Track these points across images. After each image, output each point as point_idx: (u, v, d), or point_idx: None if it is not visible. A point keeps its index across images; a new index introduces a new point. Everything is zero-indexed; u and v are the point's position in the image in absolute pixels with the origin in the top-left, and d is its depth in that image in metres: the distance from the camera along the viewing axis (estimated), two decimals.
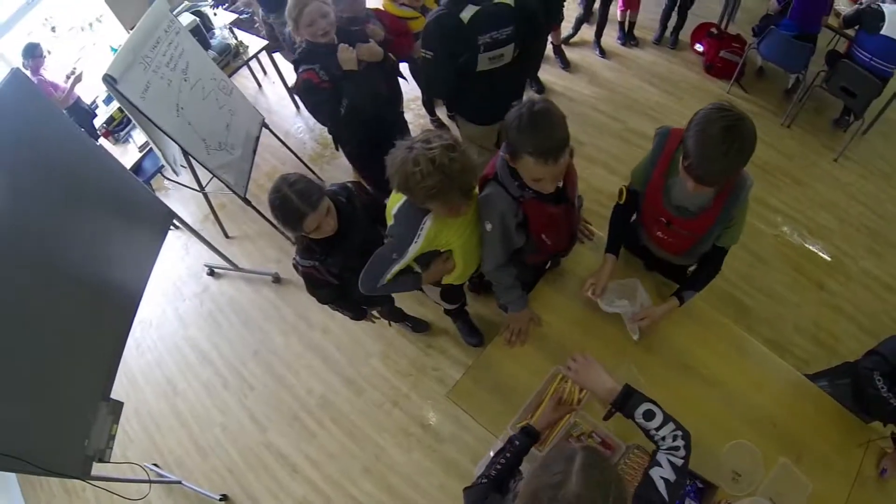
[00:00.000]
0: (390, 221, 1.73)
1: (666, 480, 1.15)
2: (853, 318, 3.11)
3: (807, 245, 3.36)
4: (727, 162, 1.33)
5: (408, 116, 3.64)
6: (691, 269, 2.08)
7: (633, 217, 1.97)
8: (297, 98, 3.81)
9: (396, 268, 1.74)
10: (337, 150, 2.86)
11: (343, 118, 2.37)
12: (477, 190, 1.74)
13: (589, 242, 2.17)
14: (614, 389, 1.38)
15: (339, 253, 1.83)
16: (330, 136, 2.85)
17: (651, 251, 2.02)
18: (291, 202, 1.59)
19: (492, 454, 1.50)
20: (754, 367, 1.92)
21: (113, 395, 2.13)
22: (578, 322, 1.98)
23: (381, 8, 2.86)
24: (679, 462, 1.19)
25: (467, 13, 2.13)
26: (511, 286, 1.91)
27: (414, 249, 1.69)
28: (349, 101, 2.33)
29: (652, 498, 1.13)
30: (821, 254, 3.34)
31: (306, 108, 2.48)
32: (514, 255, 1.92)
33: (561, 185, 1.66)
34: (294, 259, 1.87)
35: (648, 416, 1.30)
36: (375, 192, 2.16)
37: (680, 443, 1.24)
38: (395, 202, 1.71)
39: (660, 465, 1.18)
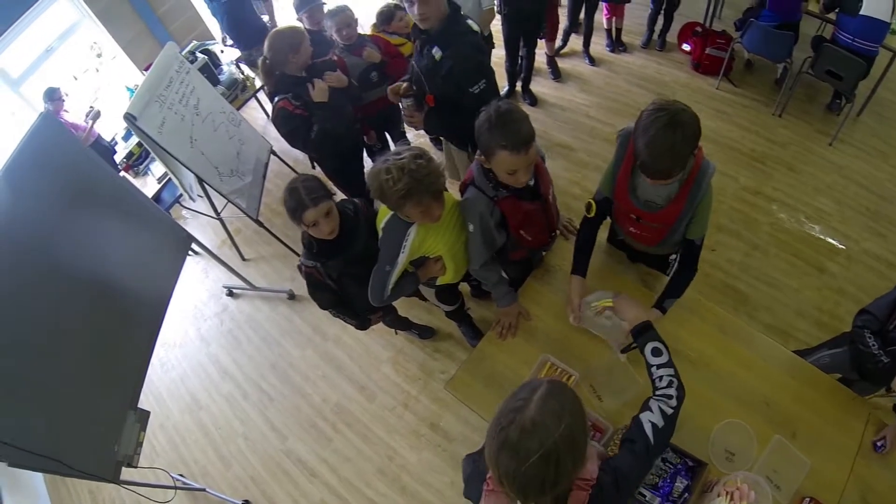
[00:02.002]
0: (380, 234, 1.89)
1: (654, 424, 1.22)
2: (856, 298, 3.10)
3: (805, 230, 3.37)
4: (674, 153, 1.45)
5: (409, 135, 3.83)
6: (672, 256, 2.17)
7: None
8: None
9: (394, 277, 1.90)
10: (313, 167, 3.11)
11: (315, 141, 2.61)
12: (452, 194, 1.91)
13: (573, 238, 2.25)
14: (639, 318, 1.51)
15: (340, 258, 1.99)
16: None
17: (628, 245, 2.12)
18: (298, 193, 1.79)
19: None
20: (743, 348, 1.95)
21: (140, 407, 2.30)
22: (565, 315, 2.03)
23: (375, 33, 3.06)
24: (669, 410, 1.25)
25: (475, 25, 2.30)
26: (498, 282, 2.03)
27: (403, 259, 1.85)
28: (320, 127, 2.57)
29: (636, 439, 1.21)
30: (820, 238, 3.36)
31: (281, 135, 2.67)
32: (499, 252, 2.04)
33: (533, 182, 1.79)
34: (300, 260, 2.04)
35: (656, 352, 1.40)
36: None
37: (673, 392, 1.30)
38: (382, 217, 1.88)
39: (650, 410, 1.25)
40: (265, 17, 4.06)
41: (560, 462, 0.95)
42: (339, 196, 2.12)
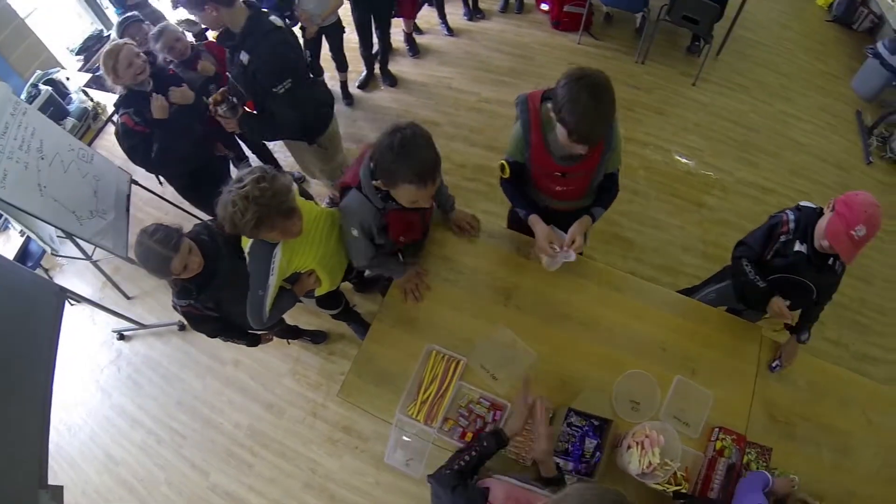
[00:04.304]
0: (247, 259, 1.81)
1: None
2: (737, 225, 3.29)
3: (679, 169, 3.54)
4: (605, 118, 1.52)
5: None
6: None
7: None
8: None
9: (269, 299, 1.83)
10: (160, 184, 3.01)
11: (156, 160, 2.50)
12: (313, 204, 1.88)
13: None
14: (550, 466, 1.48)
15: (211, 287, 1.90)
16: None
17: (552, 209, 2.04)
18: (154, 251, 1.70)
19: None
20: (630, 299, 2.01)
21: (55, 482, 2.10)
22: (445, 300, 2.05)
23: (212, 40, 2.88)
24: None
25: None
26: (385, 262, 2.01)
27: (273, 281, 1.78)
28: (159, 146, 2.45)
29: None
30: (694, 174, 3.53)
31: (122, 150, 2.55)
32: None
33: None
34: (172, 301, 1.95)
35: None
36: None
37: None
38: (246, 241, 1.80)
39: None
40: None
41: None
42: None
